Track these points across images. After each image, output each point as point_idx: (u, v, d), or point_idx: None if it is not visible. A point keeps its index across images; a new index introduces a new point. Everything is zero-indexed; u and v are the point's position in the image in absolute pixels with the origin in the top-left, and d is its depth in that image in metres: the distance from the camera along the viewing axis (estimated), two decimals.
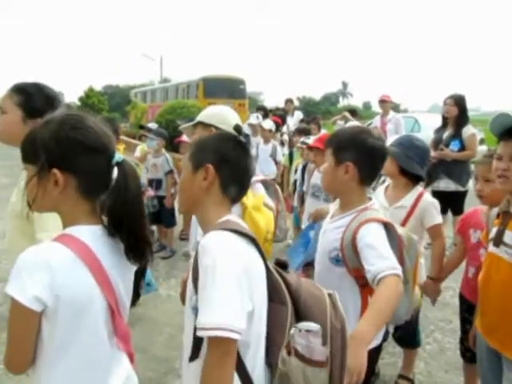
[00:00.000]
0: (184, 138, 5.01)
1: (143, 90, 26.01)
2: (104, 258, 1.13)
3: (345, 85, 75.74)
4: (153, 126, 5.98)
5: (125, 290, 1.21)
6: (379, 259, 1.57)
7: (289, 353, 1.18)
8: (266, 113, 8.00)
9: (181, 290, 1.93)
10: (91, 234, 1.13)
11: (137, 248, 1.19)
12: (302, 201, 4.32)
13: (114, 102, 42.00)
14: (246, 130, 9.04)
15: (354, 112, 8.14)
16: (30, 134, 1.16)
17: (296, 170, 4.83)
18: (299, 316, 1.23)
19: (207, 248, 1.15)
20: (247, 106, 19.18)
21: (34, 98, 1.79)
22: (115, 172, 1.16)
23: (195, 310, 1.17)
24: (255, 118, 6.87)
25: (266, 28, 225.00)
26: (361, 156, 1.71)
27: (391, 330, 2.72)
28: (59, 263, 1.04)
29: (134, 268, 1.27)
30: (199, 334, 1.11)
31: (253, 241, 1.23)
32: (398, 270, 1.56)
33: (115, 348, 1.19)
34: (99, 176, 1.15)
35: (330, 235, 1.81)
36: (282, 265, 1.31)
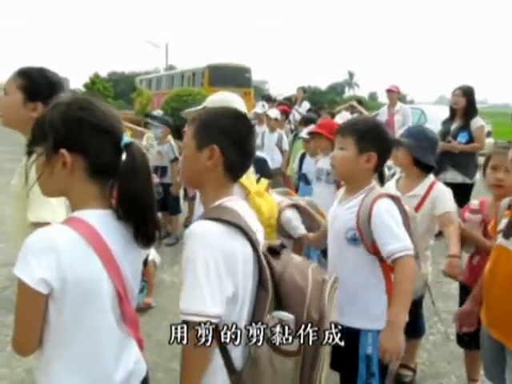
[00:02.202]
0: None
1: (148, 77, 25.88)
2: (112, 242, 1.13)
3: (351, 75, 75.13)
4: (158, 113, 5.97)
5: (133, 275, 1.20)
6: (394, 239, 1.70)
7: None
8: (273, 101, 7.97)
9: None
10: (99, 218, 1.13)
11: (146, 232, 1.19)
12: (296, 189, 4.39)
13: (119, 88, 41.85)
14: (252, 118, 9.04)
15: (359, 102, 8.08)
16: (39, 117, 1.16)
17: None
18: (279, 303, 1.25)
19: (189, 238, 1.21)
20: (253, 95, 19.08)
21: (35, 82, 1.79)
22: (124, 155, 1.15)
23: None
24: (261, 107, 6.84)
25: (272, 17, 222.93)
26: (383, 147, 1.86)
27: None
28: (66, 246, 1.04)
29: (144, 254, 1.27)
30: (180, 316, 1.20)
31: (239, 228, 1.23)
32: (411, 251, 1.69)
33: (124, 333, 1.19)
34: (107, 157, 1.14)
35: (342, 217, 1.87)
36: (273, 250, 1.32)
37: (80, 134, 1.11)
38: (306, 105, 8.61)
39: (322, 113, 6.80)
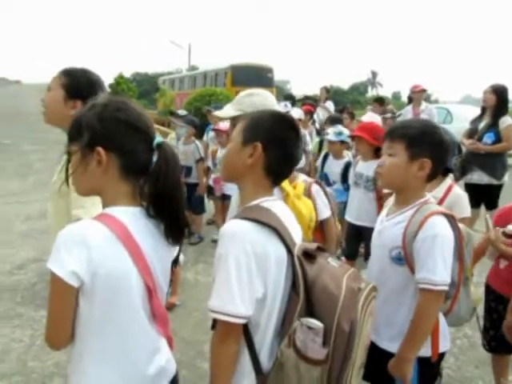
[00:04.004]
0: (220, 126, 5.01)
1: (171, 77, 26.14)
2: (142, 239, 1.15)
3: (374, 74, 74.20)
4: (182, 112, 6.02)
5: (162, 273, 1.23)
6: (430, 269, 1.57)
7: (289, 343, 1.19)
8: (294, 101, 7.93)
9: None
10: (130, 215, 1.16)
11: (176, 229, 1.22)
12: None
13: (142, 89, 42.41)
14: None
15: (382, 101, 7.95)
16: (76, 116, 1.20)
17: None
18: (310, 310, 1.22)
19: (223, 236, 1.22)
20: (275, 95, 19.00)
21: (76, 80, 1.86)
22: (156, 155, 1.18)
23: None
24: (284, 107, 6.81)
25: (294, 16, 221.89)
26: (438, 153, 1.67)
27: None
28: (97, 241, 1.07)
29: (173, 253, 1.29)
30: (209, 313, 1.22)
31: (274, 229, 1.23)
32: (442, 287, 1.57)
33: (155, 330, 1.21)
34: (141, 157, 1.17)
35: (388, 233, 1.73)
36: (309, 255, 1.29)
37: (116, 133, 1.15)
38: (331, 104, 8.53)
39: (343, 114, 6.70)
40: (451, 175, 2.52)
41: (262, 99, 1.86)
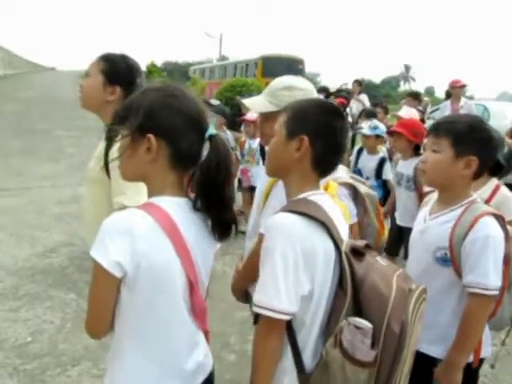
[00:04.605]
0: (247, 116, 4.97)
1: (202, 67, 26.24)
2: (186, 231, 1.12)
3: (407, 68, 72.64)
4: (215, 102, 5.99)
5: (204, 267, 1.20)
6: (482, 272, 1.50)
7: (335, 343, 1.14)
8: (327, 94, 7.79)
9: (233, 281, 1.91)
10: (176, 206, 1.12)
11: (223, 225, 1.18)
12: None
13: (173, 78, 42.75)
14: None
15: (416, 95, 7.73)
16: (128, 99, 1.17)
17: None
18: (358, 310, 1.17)
19: (270, 230, 1.19)
20: None
21: (115, 66, 1.84)
22: (208, 146, 1.14)
23: None
24: None
25: (326, 7, 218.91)
26: (485, 150, 1.59)
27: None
28: (142, 231, 1.04)
29: (216, 247, 1.25)
30: (253, 308, 1.19)
31: (323, 224, 1.18)
32: (493, 291, 1.51)
33: (194, 324, 1.19)
34: (192, 147, 1.13)
35: (433, 232, 1.65)
36: (357, 251, 1.24)
37: (169, 121, 1.11)
38: (365, 97, 8.35)
39: (377, 108, 6.53)
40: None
41: (302, 95, 1.64)
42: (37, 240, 4.74)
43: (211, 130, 1.15)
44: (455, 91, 6.36)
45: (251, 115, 5.26)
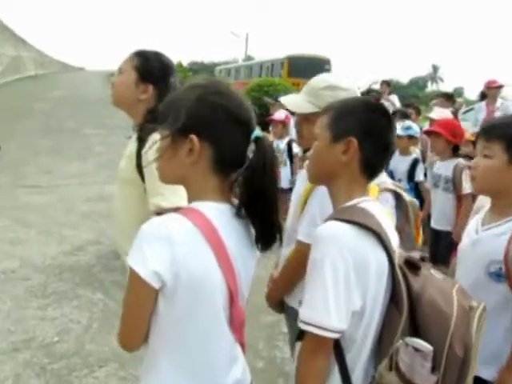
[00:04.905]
0: (275, 116, 4.89)
1: (227, 67, 26.31)
2: (228, 239, 1.04)
3: (435, 68, 71.19)
4: None
5: (245, 277, 1.11)
6: None
7: (390, 366, 1.04)
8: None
9: (269, 291, 1.82)
10: (218, 212, 1.04)
11: (268, 234, 1.09)
12: None
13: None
14: None
15: (449, 96, 7.48)
16: (170, 96, 1.10)
17: None
18: (415, 329, 1.07)
19: (318, 240, 1.10)
20: None
21: (150, 63, 1.78)
22: (253, 149, 1.05)
23: None
24: None
25: (352, 7, 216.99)
26: None
27: None
28: (182, 237, 0.97)
29: (257, 256, 1.17)
30: (298, 324, 1.10)
31: (376, 234, 1.08)
32: None
33: (232, 338, 1.11)
34: (237, 149, 1.04)
35: (486, 245, 1.53)
36: (413, 264, 1.14)
37: (213, 121, 1.02)
38: (395, 98, 8.15)
39: (409, 109, 6.34)
40: None
41: (345, 96, 1.51)
42: (65, 238, 4.77)
43: (257, 132, 1.06)
44: (491, 92, 6.12)
45: (279, 115, 5.18)
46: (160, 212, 1.72)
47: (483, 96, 6.72)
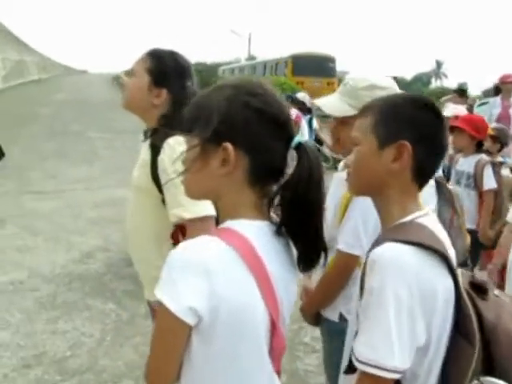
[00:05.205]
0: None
1: (231, 67, 26.18)
2: (269, 262, 0.89)
3: (439, 64, 70.76)
4: None
5: (287, 302, 0.97)
6: None
7: None
8: None
9: (304, 303, 1.69)
10: (257, 232, 0.90)
11: (313, 253, 0.95)
12: None
13: (202, 79, 42.86)
14: None
15: (462, 92, 7.30)
16: (197, 99, 0.95)
17: None
18: (490, 365, 0.93)
19: (377, 265, 0.94)
20: (336, 85, 18.51)
21: (164, 65, 1.64)
22: (294, 157, 0.91)
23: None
24: None
25: (355, 5, 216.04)
26: None
27: None
28: (220, 265, 0.83)
29: (298, 277, 1.03)
30: (354, 362, 0.95)
31: (441, 256, 0.94)
32: None
33: (272, 368, 0.97)
34: (276, 157, 0.90)
35: None
36: (479, 288, 1.00)
37: (249, 125, 0.88)
38: None
39: None
40: None
41: (386, 94, 1.35)
42: (73, 245, 4.65)
43: (299, 137, 0.92)
44: (506, 87, 5.92)
45: (292, 113, 5.05)
46: (182, 224, 1.60)
47: (497, 90, 6.53)
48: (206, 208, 1.45)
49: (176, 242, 1.65)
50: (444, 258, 0.93)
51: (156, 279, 1.82)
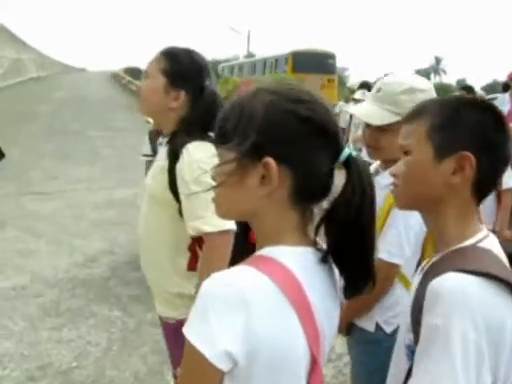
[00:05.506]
0: None
1: (230, 64, 26.04)
2: (312, 292, 0.78)
3: (438, 60, 70.58)
4: None
5: (329, 334, 0.86)
6: None
7: None
8: (370, 89, 7.37)
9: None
10: (300, 259, 0.79)
11: (360, 283, 0.84)
12: None
13: None
14: (344, 107, 8.46)
15: (470, 89, 7.20)
16: (230, 106, 0.83)
17: None
18: None
19: (440, 298, 0.82)
20: (336, 82, 18.40)
21: (181, 66, 1.52)
22: (345, 173, 0.80)
23: (409, 350, 0.92)
24: (361, 95, 6.33)
25: (353, 1, 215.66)
26: None
27: None
28: (258, 302, 0.72)
29: (340, 307, 0.92)
30: None
31: (507, 284, 0.83)
32: None
33: None
34: (322, 174, 0.79)
35: None
36: None
37: (293, 137, 0.77)
38: None
39: None
40: None
41: (424, 98, 1.22)
42: (76, 248, 4.54)
43: (347, 150, 0.81)
44: None
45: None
46: (199, 237, 1.49)
47: (506, 87, 6.43)
48: (227, 222, 1.36)
49: (193, 254, 1.55)
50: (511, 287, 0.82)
51: (172, 297, 1.68)
